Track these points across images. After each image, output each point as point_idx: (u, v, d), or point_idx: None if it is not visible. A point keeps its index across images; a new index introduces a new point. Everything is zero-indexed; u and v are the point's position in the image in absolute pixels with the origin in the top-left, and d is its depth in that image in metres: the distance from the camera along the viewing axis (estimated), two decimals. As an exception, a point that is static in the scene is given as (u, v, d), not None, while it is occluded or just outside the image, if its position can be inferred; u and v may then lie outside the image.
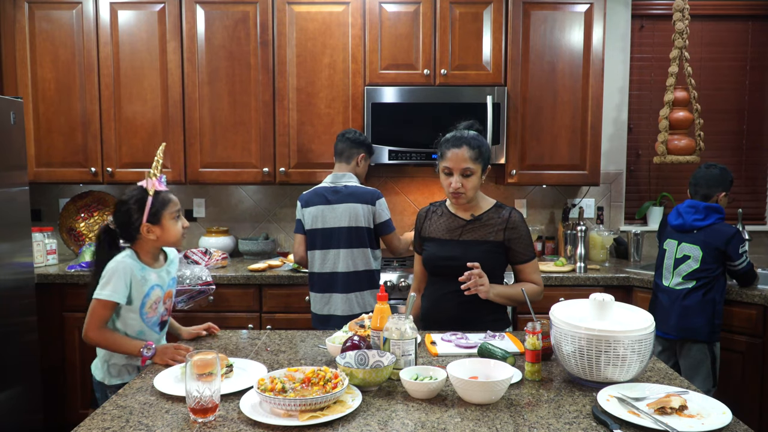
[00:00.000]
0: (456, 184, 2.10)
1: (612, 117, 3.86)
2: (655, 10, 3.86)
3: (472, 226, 2.18)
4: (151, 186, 1.96)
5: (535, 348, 1.69)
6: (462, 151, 2.09)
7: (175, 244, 2.04)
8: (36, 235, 3.36)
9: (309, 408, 1.40)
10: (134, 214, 1.95)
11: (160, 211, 1.96)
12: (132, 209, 1.95)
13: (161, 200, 1.97)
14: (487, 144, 2.17)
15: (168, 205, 1.98)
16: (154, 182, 1.97)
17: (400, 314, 1.73)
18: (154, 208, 1.95)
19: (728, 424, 1.36)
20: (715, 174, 2.86)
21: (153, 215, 1.95)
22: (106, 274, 1.92)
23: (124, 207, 1.97)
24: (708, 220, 2.77)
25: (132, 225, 1.96)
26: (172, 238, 2.00)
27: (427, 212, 2.31)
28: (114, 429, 1.39)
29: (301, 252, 2.91)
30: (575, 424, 1.40)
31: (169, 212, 1.98)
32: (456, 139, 2.12)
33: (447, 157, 2.12)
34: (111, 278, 1.91)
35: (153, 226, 1.96)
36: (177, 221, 2.01)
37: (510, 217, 2.18)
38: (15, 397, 2.83)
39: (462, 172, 2.10)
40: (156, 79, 3.46)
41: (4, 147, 2.80)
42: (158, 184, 1.97)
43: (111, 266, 1.93)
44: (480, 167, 2.12)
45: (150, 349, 1.87)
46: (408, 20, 3.40)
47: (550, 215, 3.91)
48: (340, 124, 3.44)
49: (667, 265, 2.87)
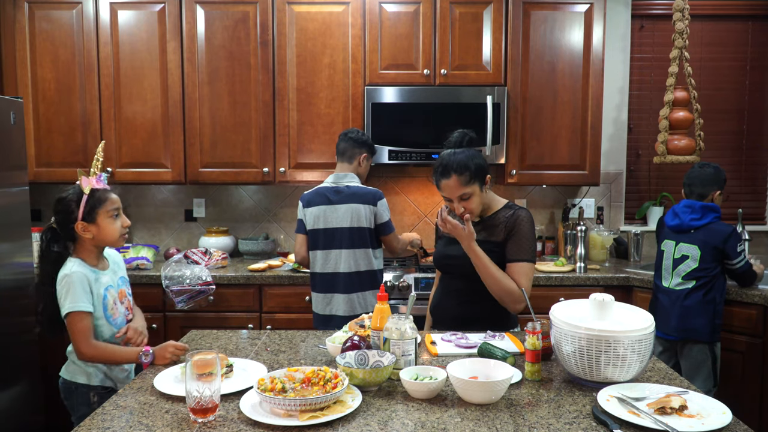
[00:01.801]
0: (459, 210, 2.10)
1: (612, 117, 3.86)
2: (655, 10, 3.86)
3: (481, 227, 2.18)
4: (86, 184, 1.94)
5: (535, 348, 1.69)
6: (451, 180, 2.06)
7: (114, 243, 2.00)
8: (36, 235, 3.35)
9: (309, 408, 1.40)
10: (73, 212, 1.93)
11: (96, 209, 1.93)
12: (70, 207, 1.93)
13: (97, 198, 1.94)
14: (476, 157, 2.10)
15: (104, 203, 1.94)
16: (91, 180, 1.94)
17: (400, 314, 1.73)
18: (89, 206, 1.92)
19: (728, 424, 1.36)
20: (710, 173, 2.86)
21: (88, 213, 1.92)
22: (63, 287, 1.89)
23: (60, 205, 1.95)
24: (705, 220, 2.78)
25: (69, 223, 1.93)
26: (109, 237, 1.96)
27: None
28: (114, 429, 1.39)
29: (303, 252, 2.91)
30: (575, 424, 1.40)
31: (105, 210, 1.94)
32: (443, 169, 2.08)
33: (441, 188, 2.11)
34: (70, 289, 1.88)
35: (89, 225, 1.93)
36: (115, 220, 1.97)
37: (513, 215, 2.14)
38: (15, 398, 2.83)
39: (459, 199, 2.09)
40: (156, 79, 3.46)
41: (4, 147, 2.80)
42: (95, 182, 1.95)
43: (64, 279, 1.90)
44: (476, 185, 2.09)
45: (148, 355, 1.86)
46: (408, 20, 3.40)
47: (550, 215, 3.91)
48: (340, 124, 3.44)
49: (666, 265, 2.87)
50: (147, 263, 3.36)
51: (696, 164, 2.95)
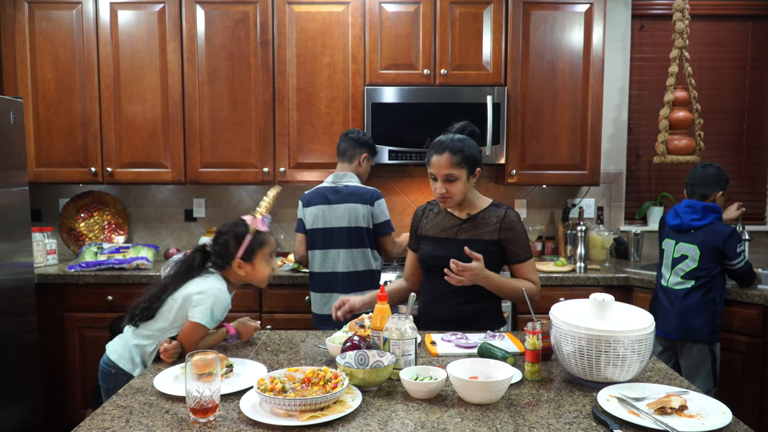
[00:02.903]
0: (440, 189, 2.11)
1: (612, 117, 3.86)
2: (655, 10, 3.86)
3: (468, 226, 2.18)
4: (253, 225, 2.02)
5: (535, 348, 1.69)
6: (443, 157, 2.08)
7: (261, 283, 2.09)
8: (36, 235, 3.36)
9: (309, 408, 1.40)
10: (231, 247, 2.01)
11: (256, 251, 2.02)
12: (230, 242, 2.01)
13: (259, 240, 2.02)
14: (472, 147, 2.13)
15: (264, 246, 2.04)
16: (258, 221, 2.03)
17: (400, 314, 1.73)
18: (251, 247, 2.01)
19: (728, 424, 1.36)
20: (712, 173, 2.86)
21: (248, 253, 2.01)
22: (208, 299, 1.93)
23: (222, 238, 2.03)
24: (705, 220, 2.78)
25: (227, 256, 2.01)
26: (260, 277, 2.06)
27: (424, 210, 2.33)
28: (114, 429, 1.39)
29: (302, 251, 2.92)
30: (575, 424, 1.40)
31: (263, 252, 2.04)
32: (439, 145, 2.11)
33: (431, 163, 2.12)
34: (213, 306, 1.94)
35: (245, 263, 2.02)
36: (269, 262, 2.06)
37: (506, 216, 2.16)
38: (15, 397, 2.83)
39: (445, 178, 2.09)
40: (156, 79, 3.46)
41: (4, 147, 2.80)
42: (261, 225, 2.03)
43: (213, 293, 1.95)
44: (464, 171, 2.10)
45: (233, 338, 2.03)
46: (408, 20, 3.40)
47: (550, 215, 3.91)
48: (340, 124, 3.44)
49: (666, 264, 2.88)
50: (147, 263, 3.36)
51: (698, 164, 2.95)
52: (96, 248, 3.52)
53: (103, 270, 3.30)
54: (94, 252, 3.48)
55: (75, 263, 3.40)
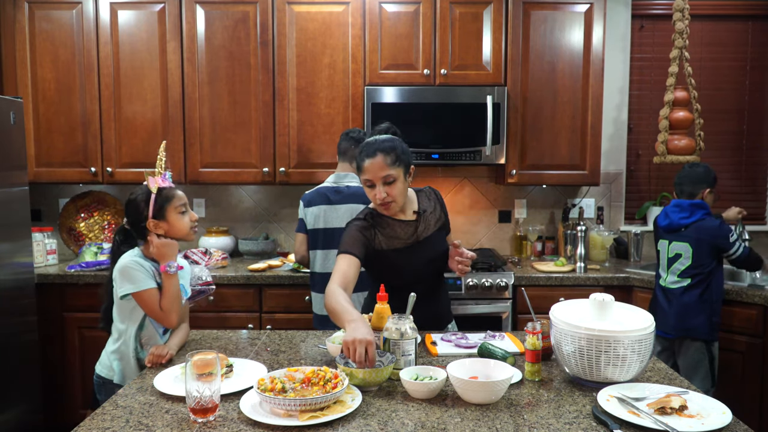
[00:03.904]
0: (381, 194, 2.00)
1: (612, 117, 3.86)
2: (655, 10, 3.86)
3: (423, 222, 2.15)
4: (153, 183, 1.99)
5: (535, 348, 1.69)
6: (377, 159, 1.98)
7: (185, 237, 2.05)
8: (36, 235, 3.36)
9: (309, 408, 1.40)
10: (142, 210, 1.98)
11: (165, 206, 1.99)
12: (139, 206, 1.99)
13: (165, 195, 1.99)
14: (402, 145, 2.07)
15: (172, 199, 2.00)
16: (157, 180, 2.00)
17: (400, 314, 1.73)
18: (158, 204, 1.98)
19: (728, 424, 1.36)
20: (699, 172, 2.89)
21: (158, 211, 1.98)
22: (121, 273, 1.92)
23: (131, 205, 2.01)
24: (693, 217, 2.80)
25: (140, 220, 1.99)
26: (180, 231, 2.02)
27: (369, 227, 2.09)
28: (114, 429, 1.39)
29: (303, 251, 2.92)
30: (575, 424, 1.40)
31: (173, 206, 2.00)
32: (368, 147, 2.02)
33: (364, 169, 2.01)
34: (128, 271, 1.91)
35: (159, 222, 1.99)
36: (183, 215, 2.03)
37: (434, 194, 2.25)
38: (15, 397, 2.83)
39: (383, 181, 2.00)
40: (156, 79, 3.46)
41: (4, 147, 2.81)
42: (161, 182, 2.01)
43: (122, 263, 1.93)
44: (401, 170, 2.02)
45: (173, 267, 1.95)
46: (408, 20, 3.40)
47: (550, 215, 3.91)
48: (340, 124, 3.44)
49: (662, 264, 2.92)
50: (147, 263, 3.35)
51: (686, 164, 3.00)
52: (96, 248, 3.51)
53: (104, 270, 3.30)
54: (94, 252, 3.48)
55: (75, 263, 3.40)
